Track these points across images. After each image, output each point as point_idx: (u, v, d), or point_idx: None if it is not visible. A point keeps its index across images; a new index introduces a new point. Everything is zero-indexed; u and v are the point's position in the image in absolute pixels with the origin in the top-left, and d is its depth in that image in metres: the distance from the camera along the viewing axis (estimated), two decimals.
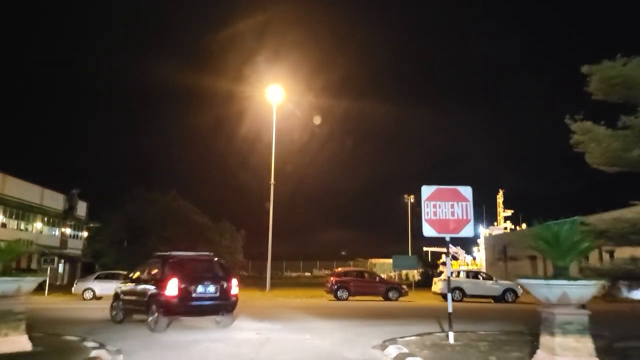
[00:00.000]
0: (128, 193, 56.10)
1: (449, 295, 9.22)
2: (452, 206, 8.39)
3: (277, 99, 29.19)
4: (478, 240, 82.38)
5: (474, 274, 25.49)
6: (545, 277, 6.24)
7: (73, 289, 23.87)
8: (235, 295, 11.87)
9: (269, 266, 30.08)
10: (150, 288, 11.39)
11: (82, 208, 50.60)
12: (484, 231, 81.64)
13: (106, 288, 23.62)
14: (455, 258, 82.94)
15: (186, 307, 10.99)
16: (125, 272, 27.07)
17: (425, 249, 76.58)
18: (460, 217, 8.42)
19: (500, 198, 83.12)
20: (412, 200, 67.84)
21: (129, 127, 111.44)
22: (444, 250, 57.08)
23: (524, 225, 68.96)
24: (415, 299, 25.40)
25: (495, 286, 24.43)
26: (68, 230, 48.28)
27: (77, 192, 48.10)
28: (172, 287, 10.76)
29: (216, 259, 12.74)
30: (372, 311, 18.24)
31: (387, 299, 24.18)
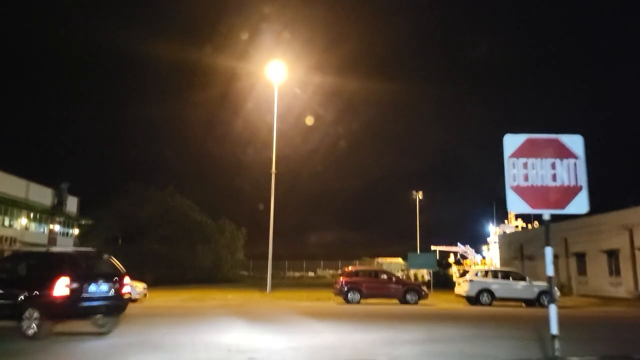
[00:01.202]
0: (122, 189, 53.41)
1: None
2: (554, 166, 5.32)
3: (279, 77, 26.11)
4: (488, 239, 79.64)
5: (504, 274, 22.39)
6: None
7: None
8: (128, 294, 11.06)
9: (270, 265, 27.06)
10: (24, 288, 9.82)
11: (72, 204, 47.59)
12: (494, 229, 78.81)
13: None
14: (464, 257, 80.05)
15: (76, 309, 9.85)
16: None
17: (433, 247, 73.52)
18: (567, 183, 5.36)
19: None
20: (420, 197, 64.54)
21: (122, 119, 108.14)
22: (453, 249, 54.16)
23: (536, 224, 66.03)
24: (435, 302, 22.34)
25: (529, 288, 21.34)
26: (57, 227, 45.27)
27: (66, 186, 45.07)
28: (61, 287, 9.48)
29: (106, 255, 11.67)
30: (395, 318, 15.15)
31: (404, 302, 21.13)
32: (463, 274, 23.17)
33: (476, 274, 21.90)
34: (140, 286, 21.40)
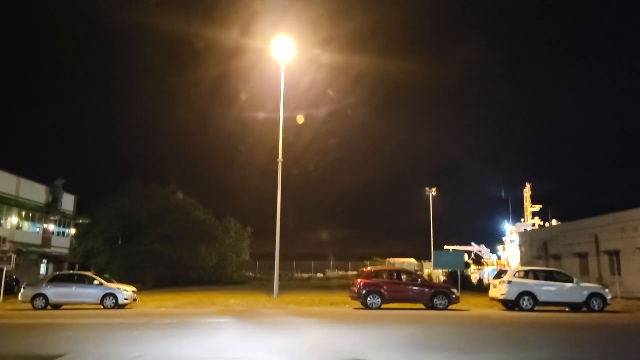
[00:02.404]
0: (122, 186, 50.98)
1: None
2: None
3: (286, 55, 23.34)
4: (504, 238, 76.56)
5: (547, 275, 19.44)
6: None
7: (20, 295, 18.22)
8: None
9: (277, 266, 24.28)
10: None
11: (68, 202, 45.09)
12: (510, 228, 75.75)
13: (64, 294, 17.99)
14: (479, 257, 77.01)
15: None
16: (90, 273, 21.51)
17: (446, 247, 70.54)
18: None
19: (527, 193, 77.25)
20: (434, 194, 61.47)
21: (119, 112, 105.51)
22: (467, 248, 50.83)
23: (554, 222, 62.96)
24: (466, 307, 19.42)
25: (578, 290, 18.39)
26: (52, 227, 42.73)
27: (61, 183, 42.61)
28: None
29: None
30: (432, 330, 12.27)
31: (432, 307, 18.26)
32: (499, 274, 20.21)
33: (515, 274, 18.96)
34: (129, 290, 18.71)
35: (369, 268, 20.58)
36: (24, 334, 10.45)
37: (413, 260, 66.64)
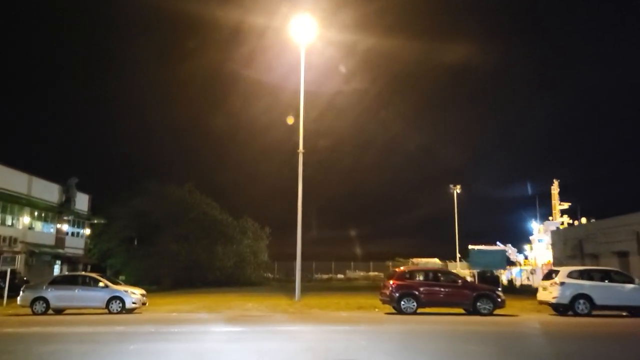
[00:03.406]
0: (137, 186, 49.74)
1: None
2: None
3: (307, 36, 21.45)
4: (531, 237, 73.66)
5: (603, 275, 17.18)
6: None
7: (19, 298, 16.62)
8: None
9: (299, 266, 22.40)
10: None
11: (82, 202, 43.94)
12: (537, 226, 72.89)
13: (66, 297, 16.36)
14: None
15: None
16: (95, 274, 19.87)
17: (470, 247, 67.74)
18: None
19: (555, 190, 74.24)
20: (458, 191, 58.97)
21: (133, 109, 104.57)
22: (493, 248, 47.73)
23: (583, 220, 59.96)
24: (512, 311, 17.28)
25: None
26: (65, 227, 41.58)
27: (75, 182, 41.44)
28: None
29: None
30: (499, 346, 10.24)
31: (475, 311, 16.18)
32: (548, 275, 17.98)
33: (568, 275, 16.73)
34: (137, 293, 17.01)
35: (401, 268, 18.56)
36: (1, 347, 8.75)
37: (437, 260, 64.12)
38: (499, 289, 17.70)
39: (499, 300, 16.45)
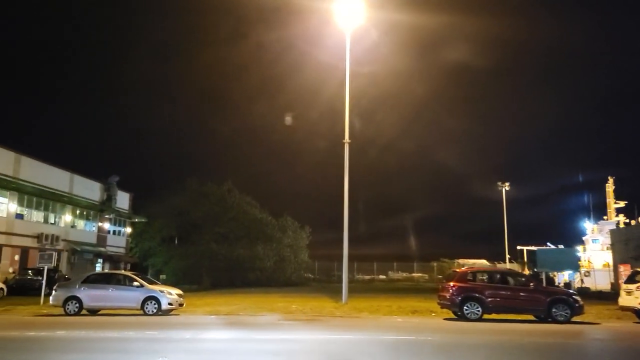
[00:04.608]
0: (177, 185, 49.44)
1: None
2: None
3: (353, 21, 19.85)
4: (584, 238, 69.64)
5: None
6: None
7: (51, 298, 15.70)
8: None
9: (345, 266, 20.83)
10: None
11: (123, 200, 43.77)
12: (591, 226, 68.92)
13: (99, 297, 15.34)
14: None
15: None
16: (127, 272, 18.87)
17: (519, 247, 64.54)
18: None
19: (609, 188, 69.82)
20: (507, 188, 55.88)
21: (172, 106, 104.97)
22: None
23: None
24: (589, 319, 15.11)
25: None
26: (107, 225, 41.45)
27: (115, 180, 41.25)
28: None
29: None
30: None
31: (549, 319, 14.16)
32: (631, 277, 15.69)
33: None
34: (173, 293, 15.82)
35: (463, 268, 16.68)
36: (11, 356, 7.54)
37: (484, 262, 61.23)
38: (575, 292, 15.52)
39: (577, 305, 14.34)
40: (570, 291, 16.73)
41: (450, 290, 14.70)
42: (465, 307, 14.36)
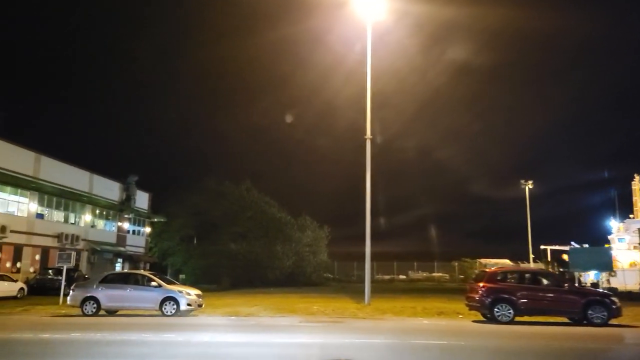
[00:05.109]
0: (195, 184, 49.37)
1: None
2: None
3: (374, 12, 19.24)
4: (609, 237, 67.83)
5: None
6: None
7: (68, 298, 15.45)
8: None
9: (368, 266, 20.30)
10: None
11: (142, 200, 43.79)
12: (617, 225, 67.07)
13: (117, 297, 15.03)
14: None
15: None
16: (145, 272, 18.57)
17: (542, 247, 63.04)
18: None
19: (636, 185, 67.83)
20: (530, 186, 54.54)
21: (189, 105, 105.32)
22: (567, 249, 42.85)
23: None
24: (628, 321, 14.27)
25: None
26: (126, 225, 41.52)
27: (134, 179, 41.25)
28: None
29: None
30: None
31: (584, 321, 13.38)
32: None
33: None
34: (192, 293, 15.43)
35: (493, 268, 15.97)
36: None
37: (507, 261, 59.96)
38: (611, 293, 14.70)
39: (614, 307, 13.52)
40: (607, 292, 15.88)
41: (480, 291, 14.01)
42: (495, 309, 13.65)
